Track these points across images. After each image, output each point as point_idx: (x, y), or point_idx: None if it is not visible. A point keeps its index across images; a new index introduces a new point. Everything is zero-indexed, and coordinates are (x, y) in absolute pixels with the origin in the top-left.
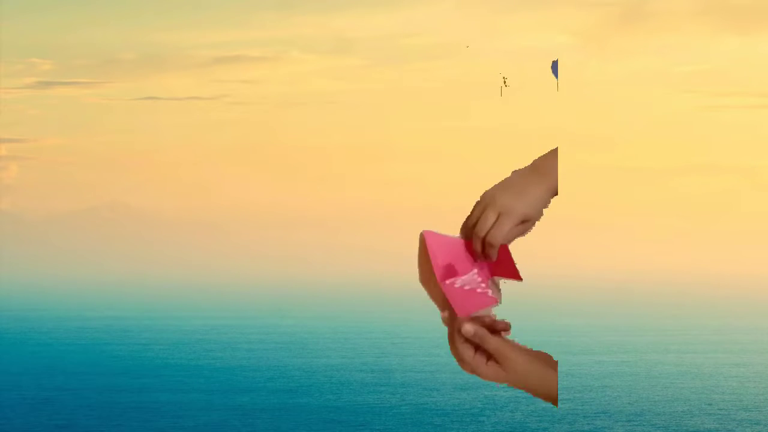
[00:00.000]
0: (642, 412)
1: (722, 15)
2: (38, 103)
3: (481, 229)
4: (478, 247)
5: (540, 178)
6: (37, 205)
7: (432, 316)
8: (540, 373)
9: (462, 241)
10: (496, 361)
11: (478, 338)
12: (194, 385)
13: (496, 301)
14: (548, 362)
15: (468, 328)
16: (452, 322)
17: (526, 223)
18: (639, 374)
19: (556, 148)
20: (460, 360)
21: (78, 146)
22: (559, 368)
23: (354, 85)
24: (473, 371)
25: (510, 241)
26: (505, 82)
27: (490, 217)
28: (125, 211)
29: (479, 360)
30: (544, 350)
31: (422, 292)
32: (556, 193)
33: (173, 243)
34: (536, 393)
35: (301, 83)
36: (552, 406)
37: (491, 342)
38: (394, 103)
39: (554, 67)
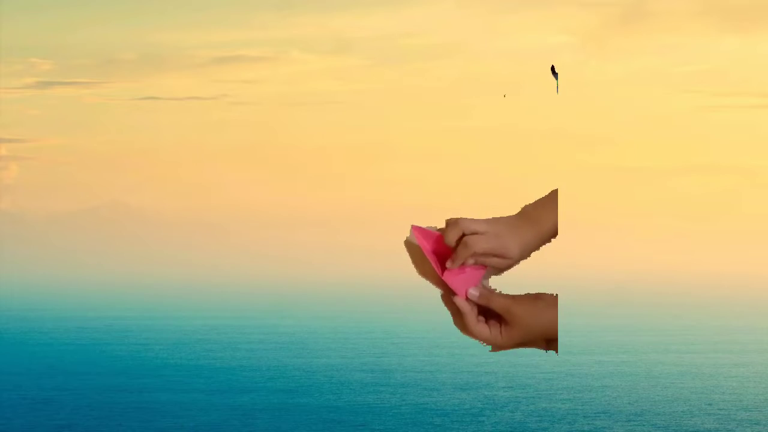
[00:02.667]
0: (642, 412)
1: (722, 15)
2: (38, 103)
3: (467, 228)
4: (452, 239)
5: (531, 226)
6: (37, 205)
7: (432, 316)
8: (546, 317)
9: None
10: (506, 322)
11: (484, 299)
12: (194, 385)
13: (484, 268)
14: (549, 301)
15: (473, 291)
16: (465, 309)
17: (500, 259)
18: (639, 374)
19: (555, 192)
20: (476, 339)
21: (78, 146)
22: (558, 368)
23: (354, 85)
24: (489, 344)
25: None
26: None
27: (479, 228)
28: (125, 211)
29: (495, 333)
30: (544, 339)
31: (422, 293)
32: (550, 239)
33: (173, 243)
34: (543, 338)
35: (301, 83)
36: (552, 405)
37: (497, 300)
38: (394, 103)
39: (553, 71)
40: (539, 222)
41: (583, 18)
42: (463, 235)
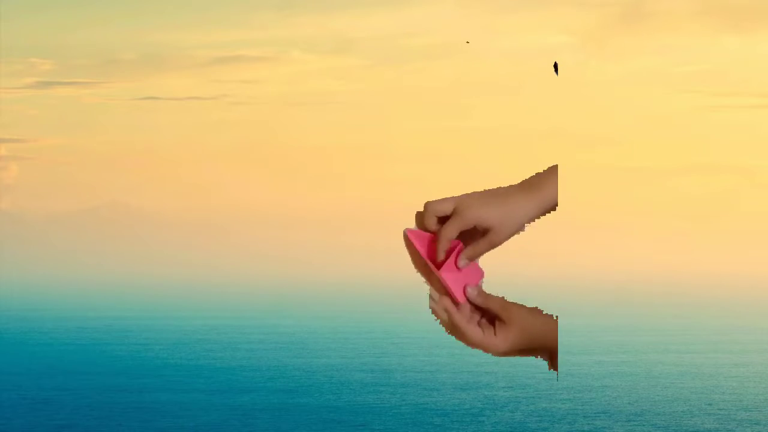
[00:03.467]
0: (642, 412)
1: (722, 15)
2: (38, 103)
3: (435, 210)
4: (430, 224)
5: (526, 192)
6: (37, 205)
7: (432, 316)
8: (542, 323)
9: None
10: (502, 321)
11: (482, 298)
12: (194, 385)
13: (482, 273)
14: (545, 314)
15: (471, 291)
16: (450, 309)
17: (489, 234)
18: (639, 374)
19: (555, 166)
20: (470, 342)
21: (78, 146)
22: (559, 368)
23: (354, 85)
24: (484, 348)
25: (477, 254)
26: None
27: (446, 208)
28: (125, 211)
29: (489, 334)
30: (543, 350)
31: (422, 293)
32: (552, 209)
33: (173, 243)
34: (542, 347)
35: (301, 83)
36: (552, 405)
37: (495, 300)
38: (394, 103)
39: (556, 69)
40: (538, 187)
41: (583, 18)
42: (440, 218)
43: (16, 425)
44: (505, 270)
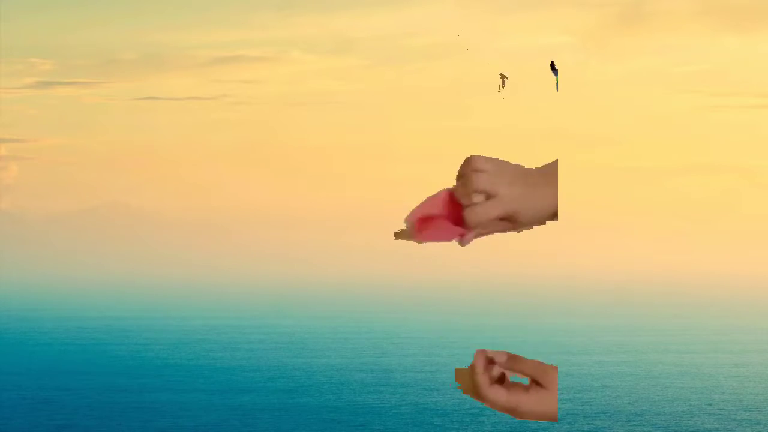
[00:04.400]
0: (642, 412)
1: (722, 15)
2: (38, 103)
3: (476, 165)
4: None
5: (549, 186)
6: (37, 205)
7: (432, 316)
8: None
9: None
10: (539, 385)
11: (512, 362)
12: (194, 385)
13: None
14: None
15: (499, 357)
16: (478, 376)
17: (512, 222)
18: (639, 374)
19: (556, 161)
20: (494, 405)
21: (78, 146)
22: (558, 368)
23: (354, 85)
24: (516, 410)
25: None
26: (503, 82)
27: (488, 167)
28: (125, 211)
29: (519, 393)
30: (543, 350)
31: (422, 293)
32: (555, 218)
33: (173, 243)
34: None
35: (301, 83)
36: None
37: (530, 364)
38: (394, 103)
39: (553, 67)
40: (555, 185)
41: (582, 18)
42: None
43: (16, 425)
44: (506, 270)
